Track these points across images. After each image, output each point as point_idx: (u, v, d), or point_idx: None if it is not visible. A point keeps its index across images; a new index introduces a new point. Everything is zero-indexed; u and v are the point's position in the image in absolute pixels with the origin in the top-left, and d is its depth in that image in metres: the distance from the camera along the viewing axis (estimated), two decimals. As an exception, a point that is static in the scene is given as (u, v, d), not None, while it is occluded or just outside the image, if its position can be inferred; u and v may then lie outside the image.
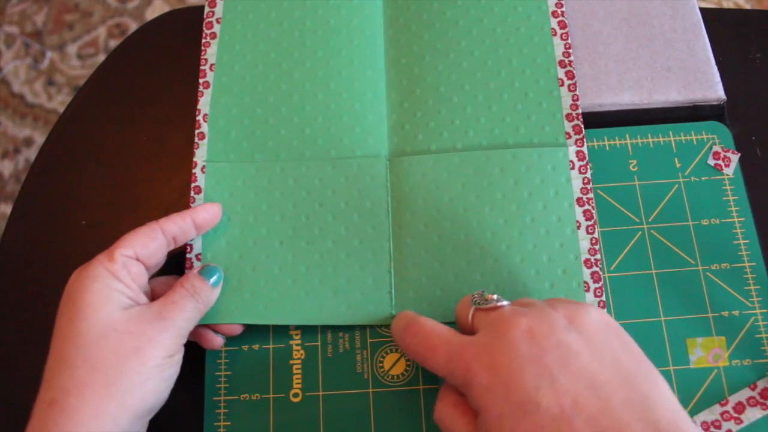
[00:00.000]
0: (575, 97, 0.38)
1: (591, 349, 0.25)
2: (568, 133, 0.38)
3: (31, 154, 1.05)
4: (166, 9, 1.13)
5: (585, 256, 0.36)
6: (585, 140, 0.38)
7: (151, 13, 1.13)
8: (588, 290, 0.36)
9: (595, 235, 0.36)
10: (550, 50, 0.40)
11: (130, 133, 0.42)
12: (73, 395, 0.28)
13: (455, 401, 0.28)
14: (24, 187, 0.41)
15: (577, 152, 0.37)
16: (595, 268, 0.36)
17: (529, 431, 0.24)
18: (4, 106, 1.09)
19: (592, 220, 0.36)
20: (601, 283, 0.36)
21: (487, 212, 0.37)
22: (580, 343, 0.25)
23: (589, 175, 0.37)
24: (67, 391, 0.29)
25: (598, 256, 0.36)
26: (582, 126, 0.38)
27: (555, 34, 0.40)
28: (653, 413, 0.24)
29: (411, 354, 0.30)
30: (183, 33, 0.42)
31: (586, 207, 0.37)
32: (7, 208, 1.02)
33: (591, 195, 0.37)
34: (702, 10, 0.42)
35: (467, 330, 0.30)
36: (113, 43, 1.11)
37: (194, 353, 0.36)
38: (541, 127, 0.38)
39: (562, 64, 0.39)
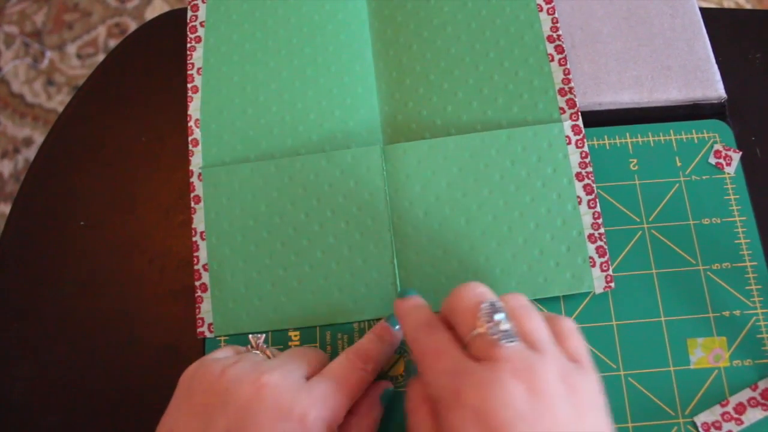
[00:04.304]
0: (566, 71, 0.38)
1: (576, 414, 0.25)
2: (562, 108, 0.38)
3: (31, 153, 1.05)
4: (166, 9, 1.13)
5: (588, 231, 0.36)
6: (580, 114, 0.37)
7: (151, 13, 1.13)
8: (594, 265, 0.35)
9: (597, 209, 0.36)
10: (538, 26, 0.39)
11: (129, 133, 0.42)
12: None
13: (424, 397, 0.28)
14: (23, 187, 0.41)
15: (573, 126, 0.37)
16: (599, 243, 0.35)
17: None
18: (4, 106, 1.09)
19: (593, 194, 0.36)
20: (606, 257, 0.35)
21: (486, 195, 0.36)
22: (567, 409, 0.25)
23: (586, 149, 0.37)
24: None
25: (601, 230, 0.36)
26: (575, 100, 0.38)
27: (541, 10, 0.40)
28: None
29: (416, 346, 0.30)
30: (183, 33, 0.42)
31: (586, 181, 0.36)
32: (6, 208, 1.02)
33: (590, 169, 0.36)
34: (701, 9, 0.42)
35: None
36: (113, 43, 1.11)
37: (193, 354, 0.36)
38: (534, 105, 0.38)
39: (550, 39, 0.39)
